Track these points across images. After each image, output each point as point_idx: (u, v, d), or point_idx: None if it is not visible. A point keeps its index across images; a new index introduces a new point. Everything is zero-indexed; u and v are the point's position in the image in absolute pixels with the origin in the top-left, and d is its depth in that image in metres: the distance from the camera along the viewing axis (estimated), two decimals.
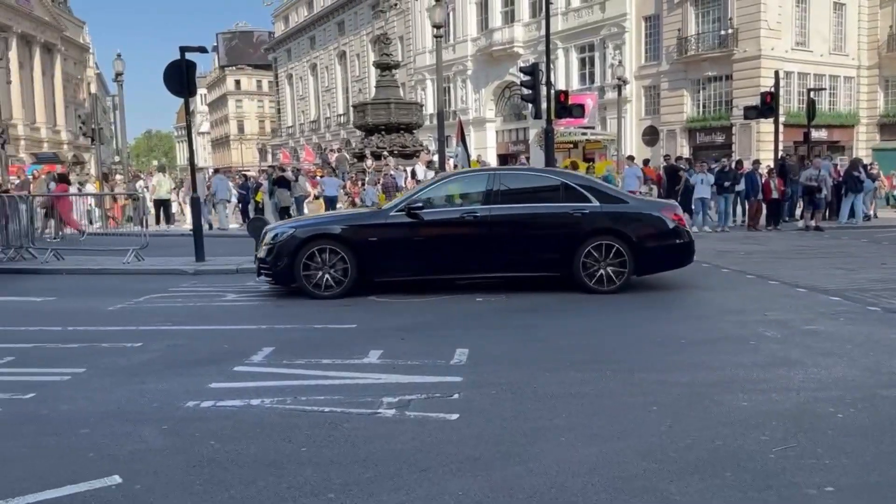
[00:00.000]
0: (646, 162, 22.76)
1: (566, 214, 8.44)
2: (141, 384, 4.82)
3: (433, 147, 33.98)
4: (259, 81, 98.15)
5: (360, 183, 24.29)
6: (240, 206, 22.92)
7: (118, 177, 25.84)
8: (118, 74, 24.91)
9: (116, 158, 36.06)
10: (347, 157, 31.54)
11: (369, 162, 26.38)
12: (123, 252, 11.82)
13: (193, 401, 4.38)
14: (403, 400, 4.34)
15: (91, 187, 23.62)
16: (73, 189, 19.61)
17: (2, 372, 5.21)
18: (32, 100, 60.90)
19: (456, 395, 4.45)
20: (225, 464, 3.38)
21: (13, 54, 52.35)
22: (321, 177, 24.95)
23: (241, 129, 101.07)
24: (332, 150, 37.27)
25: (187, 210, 21.03)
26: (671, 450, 3.54)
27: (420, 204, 8.55)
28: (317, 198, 27.80)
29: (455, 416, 4.03)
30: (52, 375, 5.07)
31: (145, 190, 21.24)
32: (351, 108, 46.58)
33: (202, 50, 11.01)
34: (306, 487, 3.12)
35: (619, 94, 30.89)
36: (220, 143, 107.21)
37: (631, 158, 22.44)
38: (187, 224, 21.01)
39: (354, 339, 6.11)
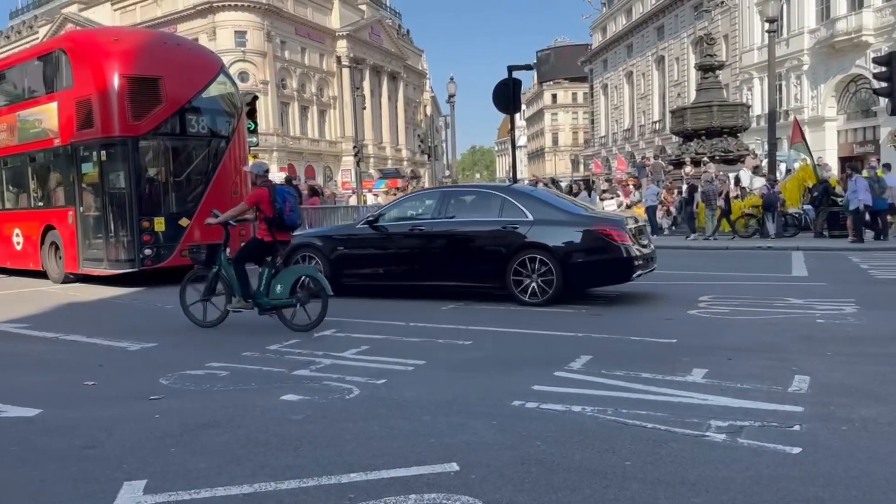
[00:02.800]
0: None
1: (498, 229, 8.76)
2: (472, 379, 5.20)
3: (760, 151, 31.37)
4: (574, 94, 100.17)
5: (675, 191, 23.43)
6: None
7: None
8: (451, 96, 27.34)
9: (447, 173, 39.62)
10: (663, 164, 30.61)
11: (688, 169, 25.28)
12: None
13: (518, 400, 4.59)
14: (734, 425, 4.03)
15: None
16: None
17: (360, 358, 6.01)
18: (380, 122, 69.97)
19: (796, 427, 4.01)
20: (551, 466, 3.47)
21: (366, 83, 60.40)
22: (635, 186, 24.56)
23: (555, 141, 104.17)
24: (646, 158, 36.49)
25: None
26: None
27: (378, 217, 9.64)
28: (629, 206, 27.44)
29: (797, 451, 3.63)
30: (398, 365, 5.71)
31: None
32: (668, 114, 45.11)
33: (528, 67, 11.63)
34: (633, 503, 3.06)
35: None
36: (536, 156, 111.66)
37: (888, 166, 18.04)
38: None
39: (675, 355, 5.86)
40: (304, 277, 7.63)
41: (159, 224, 11.65)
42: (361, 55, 66.06)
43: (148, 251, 11.53)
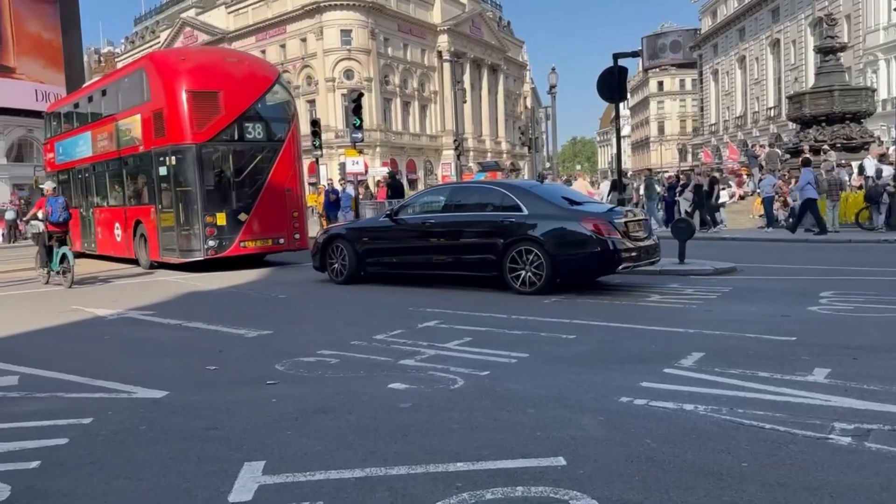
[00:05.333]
0: None
1: (495, 222, 9.42)
2: (577, 374, 5.13)
3: (887, 138, 29.24)
4: (682, 81, 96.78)
5: (792, 181, 22.21)
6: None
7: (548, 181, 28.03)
8: (552, 87, 26.98)
9: (547, 164, 39.21)
10: (779, 152, 29.08)
11: (806, 157, 23.91)
12: None
13: (626, 397, 4.49)
14: (861, 428, 3.79)
15: None
16: None
17: (463, 350, 6.07)
18: (480, 115, 70.03)
19: None
20: (662, 464, 3.38)
21: (466, 77, 60.70)
22: (748, 175, 23.47)
23: (661, 130, 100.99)
24: (760, 146, 34.73)
25: None
26: None
27: (399, 211, 10.58)
28: (742, 197, 26.25)
29: None
30: (501, 357, 5.72)
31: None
32: (784, 100, 42.77)
33: (635, 54, 11.39)
34: None
35: None
36: (640, 146, 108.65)
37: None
38: None
39: (795, 354, 5.56)
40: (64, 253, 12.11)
41: (221, 219, 13.41)
42: (462, 49, 66.31)
43: (212, 242, 13.33)
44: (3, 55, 37.99)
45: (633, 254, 9.00)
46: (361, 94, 22.59)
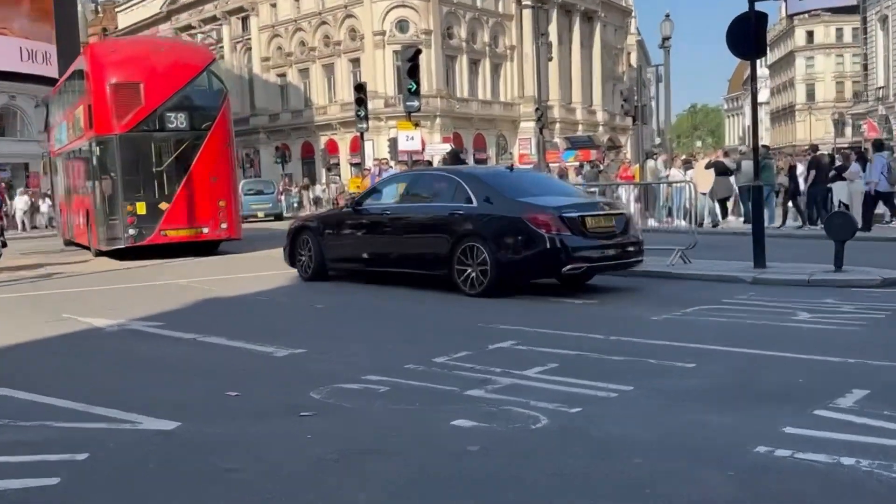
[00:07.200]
0: None
1: (445, 215, 10.42)
2: (698, 414, 5.07)
3: None
4: (839, 30, 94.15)
5: None
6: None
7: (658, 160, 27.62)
8: (665, 39, 26.62)
9: (657, 140, 38.60)
10: None
11: None
12: (667, 252, 12.61)
13: (764, 446, 4.40)
14: None
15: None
16: None
17: (548, 379, 6.05)
18: (569, 77, 69.47)
19: None
20: None
21: (552, 28, 60.12)
22: None
23: (810, 95, 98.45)
24: None
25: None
26: None
27: (360, 200, 12.03)
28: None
29: None
30: (597, 390, 5.68)
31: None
32: None
33: None
34: None
35: None
36: (781, 115, 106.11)
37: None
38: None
39: None
40: None
41: (140, 208, 16.83)
42: None
43: (132, 231, 16.79)
44: None
45: (592, 253, 9.81)
46: (418, 52, 22.77)
